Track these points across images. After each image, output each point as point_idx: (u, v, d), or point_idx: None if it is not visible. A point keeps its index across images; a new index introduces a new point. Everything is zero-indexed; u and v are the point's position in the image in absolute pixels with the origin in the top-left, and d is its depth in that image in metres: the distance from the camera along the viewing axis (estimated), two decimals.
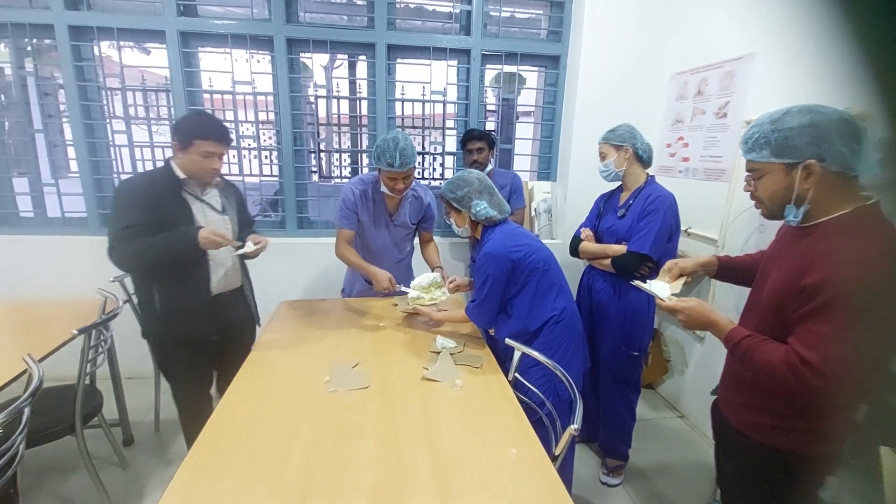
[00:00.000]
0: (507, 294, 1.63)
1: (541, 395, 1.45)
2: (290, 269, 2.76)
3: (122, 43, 2.49)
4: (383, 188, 1.97)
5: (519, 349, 1.49)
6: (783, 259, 1.08)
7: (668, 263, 1.40)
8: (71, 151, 2.66)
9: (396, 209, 2.12)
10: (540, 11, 2.95)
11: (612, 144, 1.91)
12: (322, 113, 2.92)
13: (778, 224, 1.19)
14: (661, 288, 1.28)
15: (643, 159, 1.92)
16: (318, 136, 2.93)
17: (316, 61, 2.79)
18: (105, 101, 2.58)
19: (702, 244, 2.43)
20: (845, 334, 0.90)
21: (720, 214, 2.29)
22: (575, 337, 1.65)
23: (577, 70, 2.73)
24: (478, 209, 1.64)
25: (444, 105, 2.85)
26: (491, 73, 2.91)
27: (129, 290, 2.14)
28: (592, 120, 2.73)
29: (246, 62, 2.61)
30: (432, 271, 2.06)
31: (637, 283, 1.34)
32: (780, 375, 0.95)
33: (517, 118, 3.24)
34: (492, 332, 1.74)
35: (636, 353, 1.95)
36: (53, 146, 2.71)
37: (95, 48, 2.53)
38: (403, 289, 1.92)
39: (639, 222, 1.84)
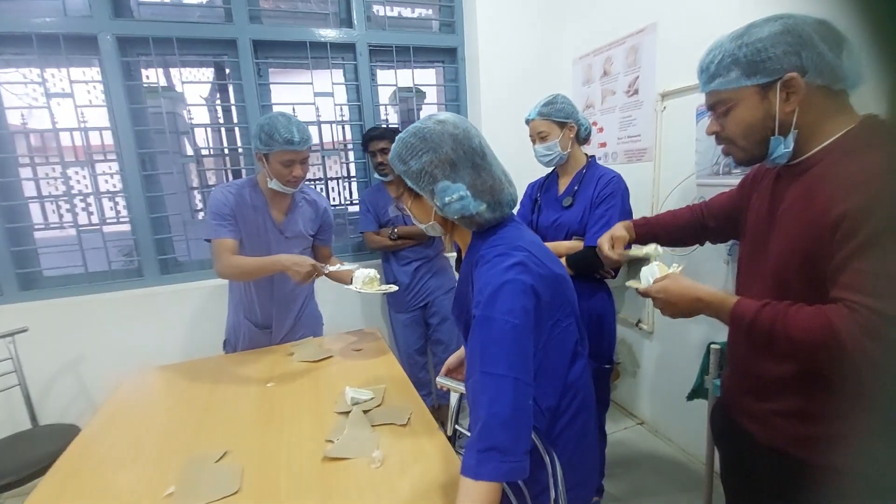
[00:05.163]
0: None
1: None
2: (153, 326, 2.14)
3: None
4: (272, 184, 1.54)
5: (456, 390, 1.09)
6: (785, 209, 0.82)
7: (604, 239, 1.22)
8: None
9: (284, 216, 1.66)
10: (429, 11, 2.70)
11: (554, 121, 1.57)
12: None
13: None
14: (652, 273, 0.97)
15: (583, 137, 1.65)
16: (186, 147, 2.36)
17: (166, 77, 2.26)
18: None
19: None
20: None
21: (649, 196, 2.11)
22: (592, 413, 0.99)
23: (477, 61, 2.49)
24: (446, 198, 0.85)
25: (342, 124, 2.44)
26: (385, 90, 2.56)
27: None
28: (501, 112, 2.50)
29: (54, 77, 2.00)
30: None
31: (631, 283, 1.03)
32: (848, 342, 0.63)
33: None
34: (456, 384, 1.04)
35: (608, 366, 1.63)
36: None
37: None
38: (330, 268, 1.54)
39: (594, 210, 1.54)
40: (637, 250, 1.12)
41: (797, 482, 0.81)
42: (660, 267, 0.97)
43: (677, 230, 1.19)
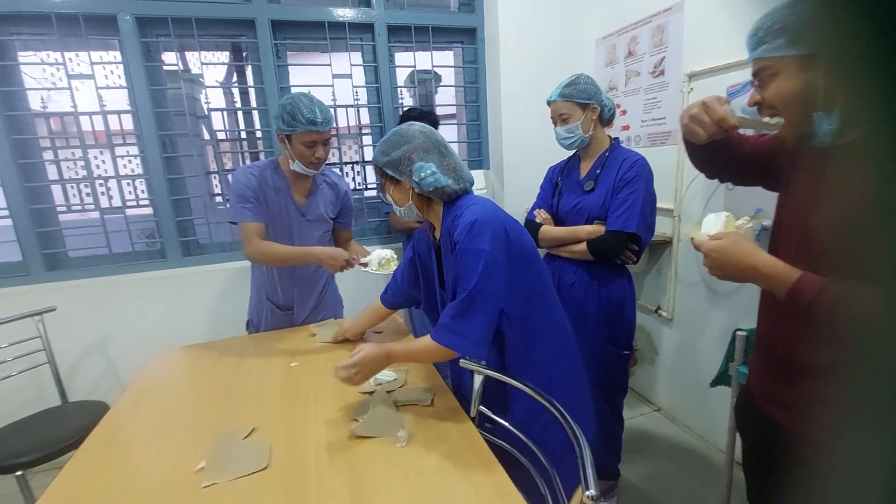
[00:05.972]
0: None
1: (521, 434, 1.05)
2: (177, 307, 2.17)
3: None
4: (295, 165, 1.54)
5: (479, 373, 1.09)
6: (829, 188, 0.78)
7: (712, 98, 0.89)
8: None
9: (306, 199, 1.66)
10: None
11: (576, 103, 1.52)
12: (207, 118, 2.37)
13: None
14: (715, 224, 0.88)
15: (606, 118, 1.59)
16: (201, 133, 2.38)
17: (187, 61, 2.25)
18: None
19: (658, 217, 2.20)
20: None
21: (672, 181, 2.06)
22: (576, 359, 1.21)
23: (497, 42, 2.44)
24: (422, 174, 1.08)
25: (357, 108, 2.42)
26: (402, 71, 2.52)
27: None
28: (521, 94, 2.46)
29: (72, 62, 2.00)
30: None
31: (688, 230, 0.93)
32: None
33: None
34: (479, 366, 1.07)
35: (627, 352, 1.61)
36: None
37: None
38: (363, 259, 1.58)
39: (616, 195, 1.49)
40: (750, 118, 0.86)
41: (824, 470, 0.80)
42: (728, 220, 0.88)
43: (722, 144, 0.95)
